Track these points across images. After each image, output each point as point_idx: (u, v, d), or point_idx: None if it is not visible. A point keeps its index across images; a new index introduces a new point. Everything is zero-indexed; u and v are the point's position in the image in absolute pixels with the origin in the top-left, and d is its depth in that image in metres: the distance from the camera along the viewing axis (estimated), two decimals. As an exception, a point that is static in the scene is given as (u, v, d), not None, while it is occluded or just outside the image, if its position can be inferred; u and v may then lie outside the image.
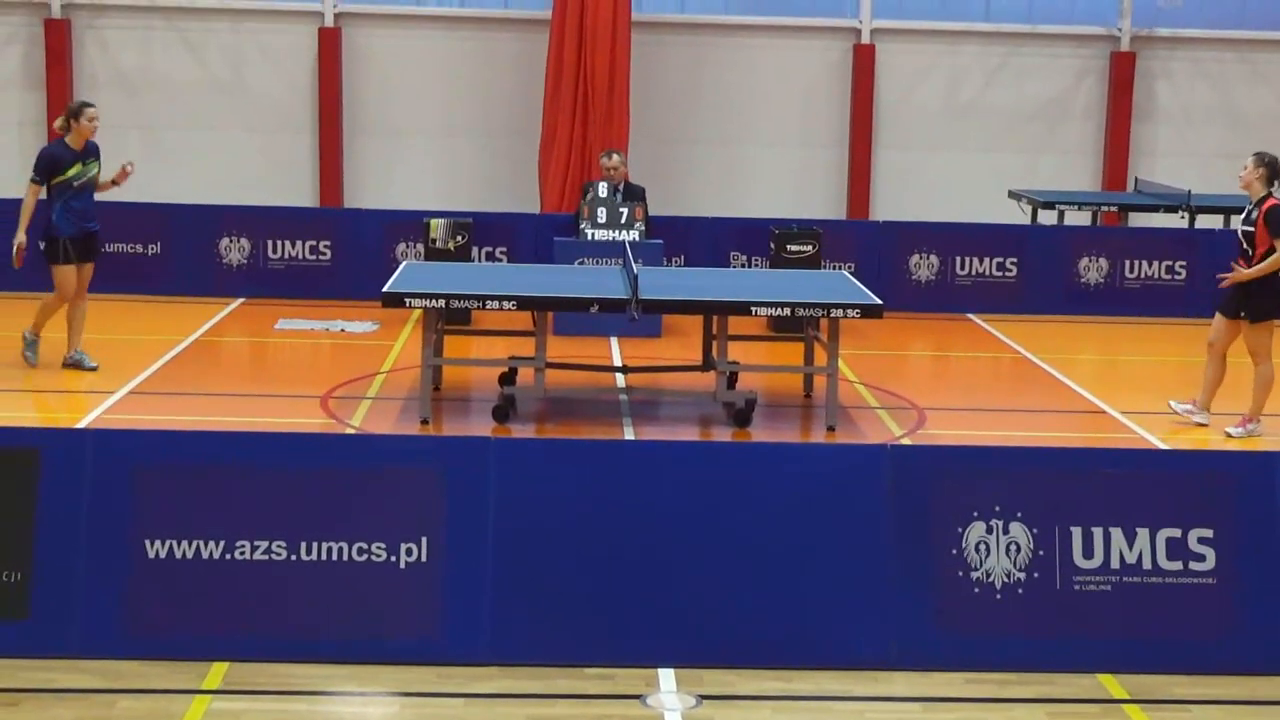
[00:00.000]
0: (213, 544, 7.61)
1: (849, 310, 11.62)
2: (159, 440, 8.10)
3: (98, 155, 12.84)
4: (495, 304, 11.53)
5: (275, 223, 17.07)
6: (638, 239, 15.16)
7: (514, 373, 12.48)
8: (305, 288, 16.75)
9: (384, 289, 11.72)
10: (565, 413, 12.31)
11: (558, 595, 7.68)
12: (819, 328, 12.53)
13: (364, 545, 7.66)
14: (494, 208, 18.98)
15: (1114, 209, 19.37)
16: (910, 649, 7.69)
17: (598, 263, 14.92)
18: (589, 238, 15.37)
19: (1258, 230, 11.63)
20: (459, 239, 15.73)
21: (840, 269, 15.82)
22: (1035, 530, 7.81)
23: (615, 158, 15.89)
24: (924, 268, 17.15)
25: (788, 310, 11.92)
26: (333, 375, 13.28)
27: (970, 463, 8.09)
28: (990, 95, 21.07)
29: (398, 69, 20.70)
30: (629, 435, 11.59)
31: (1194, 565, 7.85)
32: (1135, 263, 17.17)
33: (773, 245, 15.81)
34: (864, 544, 7.78)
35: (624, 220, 15.42)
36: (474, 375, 13.25)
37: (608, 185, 15.74)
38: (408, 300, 11.52)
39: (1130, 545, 7.82)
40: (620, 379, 13.16)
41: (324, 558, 7.64)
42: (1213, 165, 20.23)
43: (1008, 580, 7.78)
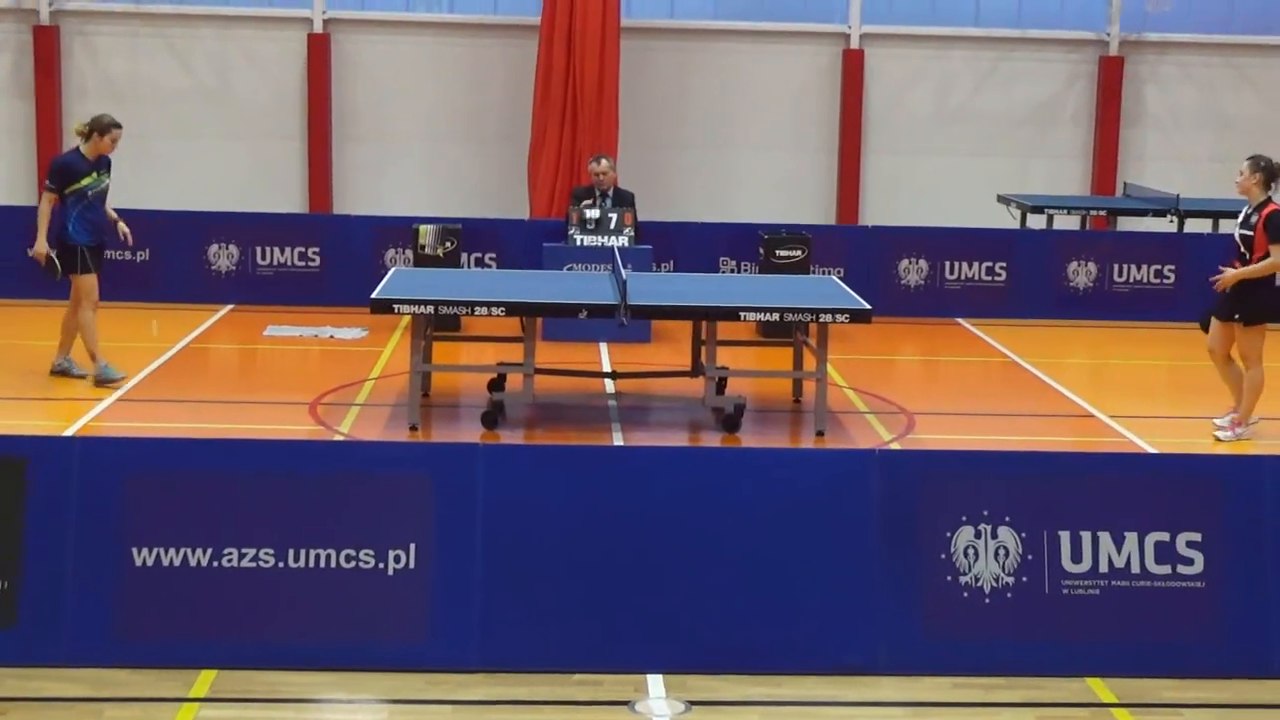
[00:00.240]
0: (201, 551, 7.60)
1: (838, 315, 11.64)
2: (147, 448, 8.10)
3: (109, 168, 12.83)
4: (484, 310, 11.53)
5: (264, 229, 17.05)
6: (627, 244, 15.15)
7: (503, 378, 12.48)
8: (294, 294, 16.72)
9: (373, 295, 11.71)
10: (554, 418, 12.31)
11: (546, 601, 7.67)
12: (808, 333, 12.54)
13: (352, 552, 7.65)
14: (483, 213, 18.94)
15: (1103, 213, 19.40)
16: (899, 654, 7.69)
17: (587, 268, 14.93)
18: (578, 243, 15.37)
19: (1257, 235, 11.57)
20: (448, 245, 15.72)
21: (829, 274, 15.83)
22: (1024, 534, 7.81)
23: (604, 163, 15.87)
24: (913, 272, 17.16)
25: (777, 315, 11.93)
26: (321, 382, 13.27)
27: (959, 467, 8.08)
28: (979, 100, 21.07)
29: (387, 75, 20.68)
30: (618, 441, 11.59)
31: (1182, 569, 7.85)
32: (1124, 267, 17.17)
33: (762, 250, 15.82)
34: (852, 549, 7.77)
35: (613, 226, 15.41)
36: (463, 381, 13.24)
37: (597, 191, 15.75)
38: (396, 306, 11.52)
39: (1119, 549, 7.83)
40: (609, 384, 13.17)
41: (312, 565, 7.63)
42: (1201, 169, 20.28)
43: (996, 584, 7.78)
